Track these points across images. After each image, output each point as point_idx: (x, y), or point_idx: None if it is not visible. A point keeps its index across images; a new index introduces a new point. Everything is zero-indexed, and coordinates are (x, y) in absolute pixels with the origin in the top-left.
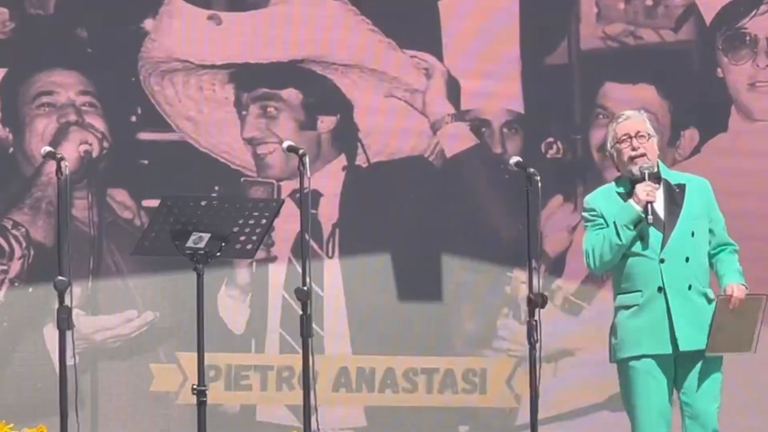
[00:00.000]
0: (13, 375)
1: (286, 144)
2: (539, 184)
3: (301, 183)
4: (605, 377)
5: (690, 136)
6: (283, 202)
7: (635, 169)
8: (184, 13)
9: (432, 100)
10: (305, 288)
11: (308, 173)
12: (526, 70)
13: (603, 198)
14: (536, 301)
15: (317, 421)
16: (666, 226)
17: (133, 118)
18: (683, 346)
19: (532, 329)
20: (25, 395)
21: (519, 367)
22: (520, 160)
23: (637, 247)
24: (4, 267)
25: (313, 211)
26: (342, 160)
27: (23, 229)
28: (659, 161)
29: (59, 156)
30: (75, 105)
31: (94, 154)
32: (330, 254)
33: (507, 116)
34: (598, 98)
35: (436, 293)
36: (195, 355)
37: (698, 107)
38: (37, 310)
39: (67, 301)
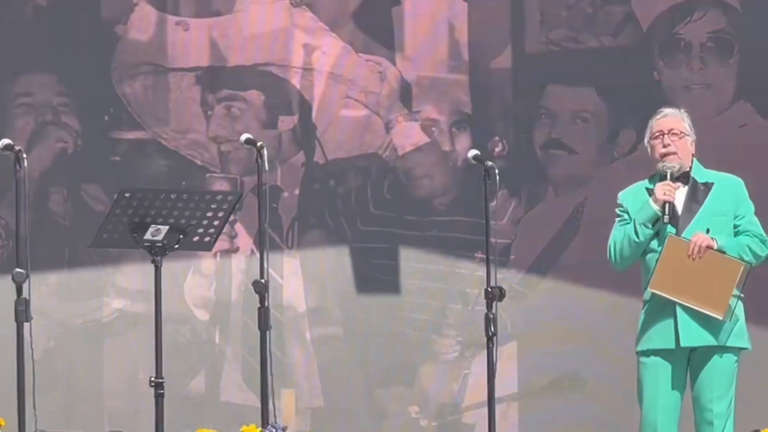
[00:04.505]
0: None
1: (243, 137)
2: (497, 178)
3: (259, 175)
4: (544, 362)
5: (628, 135)
6: (240, 194)
7: (662, 166)
8: (153, 20)
9: (385, 101)
10: (263, 281)
11: (266, 166)
12: (473, 72)
13: (632, 194)
14: (494, 294)
15: (275, 409)
16: (681, 224)
17: (106, 118)
18: (684, 342)
19: (489, 322)
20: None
21: (467, 352)
22: (478, 153)
23: (654, 244)
24: None
25: (274, 205)
26: (301, 156)
27: (3, 221)
28: (695, 160)
29: (17, 149)
30: (52, 105)
31: (69, 151)
32: (290, 245)
33: (456, 116)
34: (541, 99)
35: (394, 285)
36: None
37: (636, 108)
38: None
39: (24, 293)
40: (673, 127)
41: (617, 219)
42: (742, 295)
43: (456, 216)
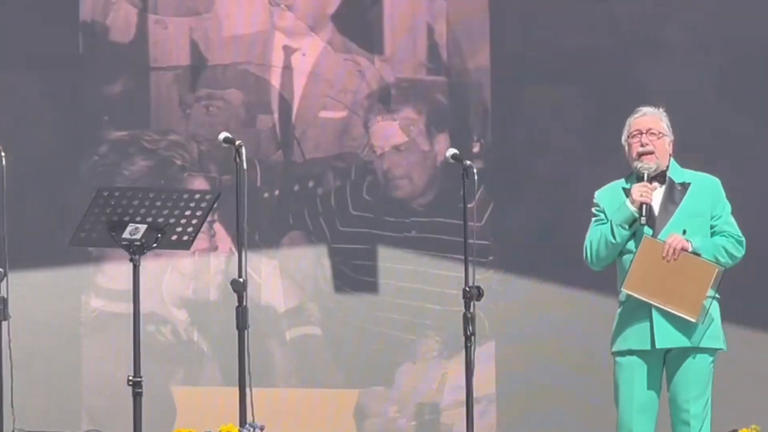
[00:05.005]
0: None
1: (222, 136)
2: (475, 177)
3: (237, 173)
4: (523, 362)
5: (607, 135)
6: (219, 193)
7: (639, 167)
8: (133, 19)
9: (364, 102)
10: (241, 280)
11: (245, 165)
12: (452, 73)
13: (608, 193)
14: (472, 294)
15: (252, 413)
16: (657, 224)
17: (86, 117)
18: (659, 344)
19: (467, 322)
20: None
21: (445, 352)
22: (457, 152)
23: (630, 244)
24: None
25: (253, 205)
26: (280, 156)
27: None
28: (672, 159)
29: None
30: (32, 104)
31: (50, 151)
32: (269, 246)
33: (434, 116)
34: (521, 99)
35: (373, 286)
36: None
37: (616, 108)
38: None
39: (3, 292)
40: (652, 126)
41: (593, 219)
42: (717, 295)
43: (435, 217)
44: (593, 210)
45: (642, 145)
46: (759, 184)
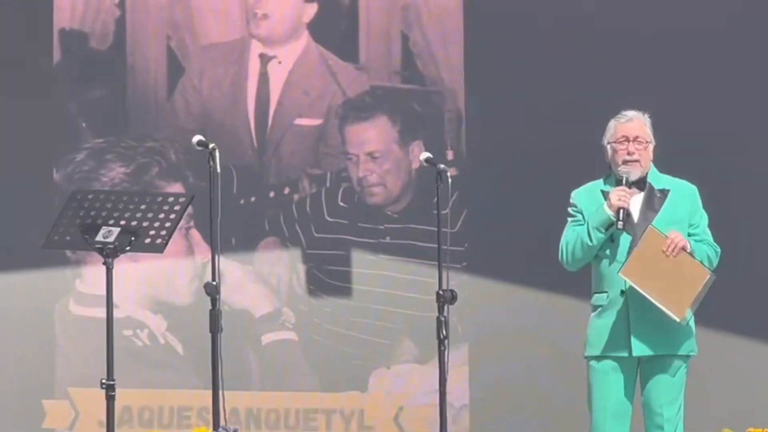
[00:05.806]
0: None
1: (195, 139)
2: (449, 181)
3: (210, 177)
4: (497, 367)
5: (581, 139)
6: (192, 196)
7: (621, 171)
8: (111, 27)
9: (339, 108)
10: (214, 283)
11: (218, 168)
12: (426, 79)
13: (586, 195)
14: (445, 297)
15: (225, 416)
16: (637, 231)
17: (63, 123)
18: (636, 352)
19: (441, 325)
20: None
21: (419, 357)
22: (431, 156)
23: (607, 249)
24: None
25: (228, 211)
26: (256, 163)
27: None
28: (652, 165)
29: None
30: (9, 110)
31: (29, 157)
32: (245, 251)
33: (408, 123)
34: (495, 107)
35: (347, 291)
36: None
37: (590, 113)
38: None
39: None
40: (639, 134)
41: (570, 219)
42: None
43: (409, 223)
44: (570, 210)
45: (629, 153)
46: (733, 190)
